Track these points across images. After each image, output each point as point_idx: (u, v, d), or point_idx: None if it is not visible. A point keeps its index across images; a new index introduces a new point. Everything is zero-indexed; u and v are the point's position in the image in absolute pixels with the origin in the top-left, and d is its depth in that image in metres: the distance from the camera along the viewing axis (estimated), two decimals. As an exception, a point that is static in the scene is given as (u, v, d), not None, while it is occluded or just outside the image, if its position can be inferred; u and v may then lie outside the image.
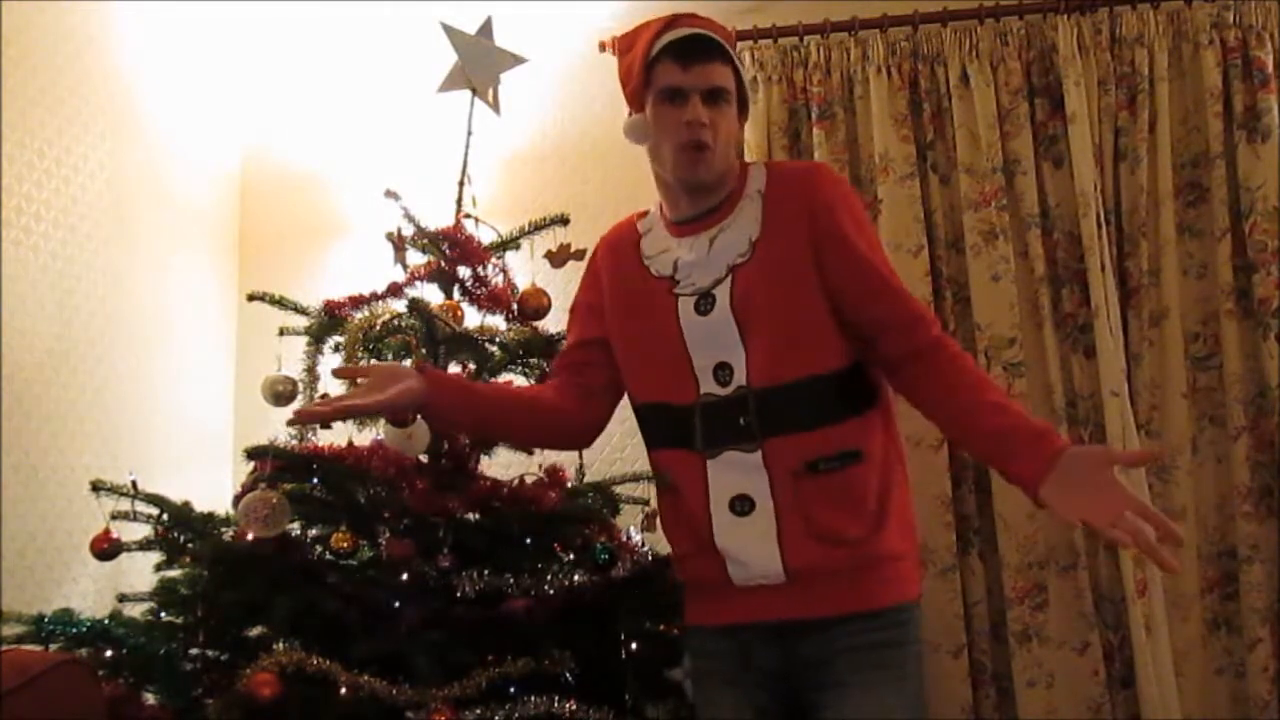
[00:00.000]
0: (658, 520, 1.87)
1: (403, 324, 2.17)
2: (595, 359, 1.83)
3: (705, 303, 1.68)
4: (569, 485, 2.26)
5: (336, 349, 2.15)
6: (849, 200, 1.73)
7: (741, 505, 1.64)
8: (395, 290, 2.20)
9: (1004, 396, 1.64)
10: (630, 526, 2.27)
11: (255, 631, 1.98)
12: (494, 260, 2.32)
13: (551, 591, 1.96)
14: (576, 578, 2.00)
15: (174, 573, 2.12)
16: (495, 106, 2.59)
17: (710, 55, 1.68)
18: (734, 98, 1.71)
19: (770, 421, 1.63)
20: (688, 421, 1.69)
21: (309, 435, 2.09)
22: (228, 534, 2.07)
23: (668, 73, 1.68)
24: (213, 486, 2.73)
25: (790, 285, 1.66)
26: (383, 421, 2.03)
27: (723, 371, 1.67)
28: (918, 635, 1.67)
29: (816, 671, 1.63)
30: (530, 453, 2.43)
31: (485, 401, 1.81)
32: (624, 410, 2.75)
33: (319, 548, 2.08)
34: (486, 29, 2.56)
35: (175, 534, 2.09)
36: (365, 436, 2.21)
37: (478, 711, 1.83)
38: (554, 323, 2.36)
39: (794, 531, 1.61)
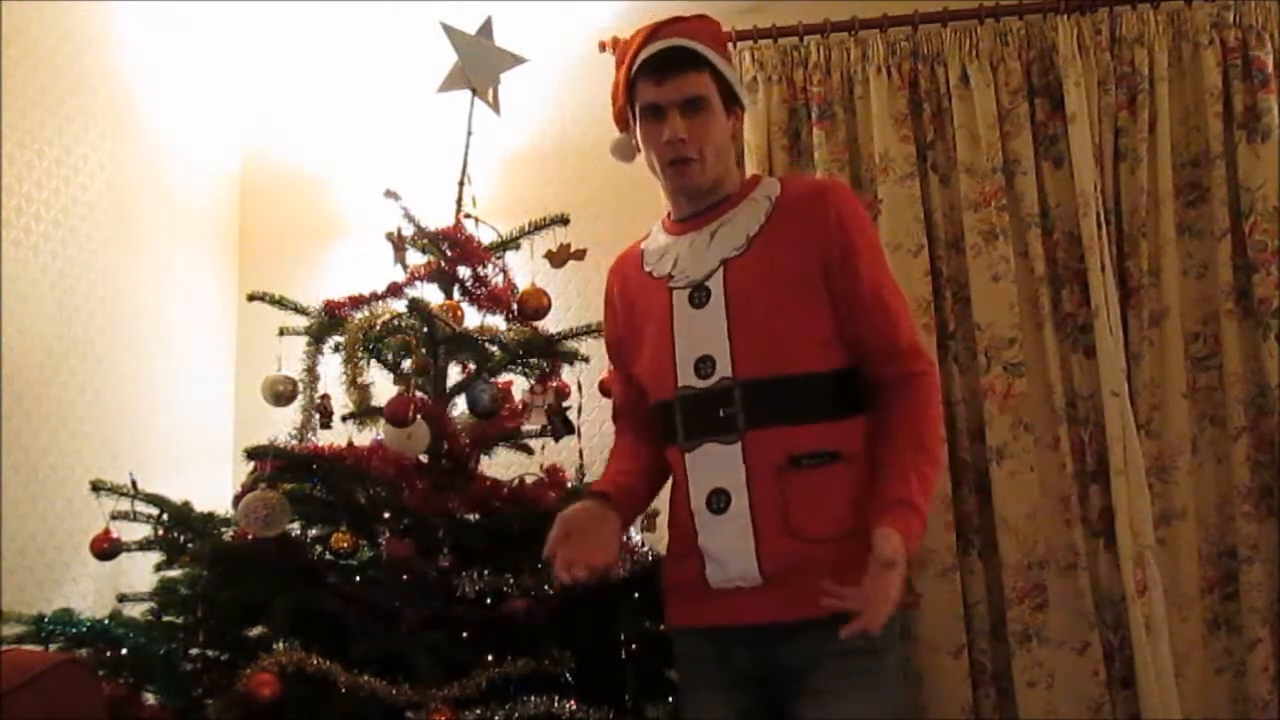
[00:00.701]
0: (658, 520, 1.87)
1: (403, 324, 2.17)
2: (641, 394, 1.83)
3: (700, 295, 1.70)
4: (569, 485, 2.26)
5: (336, 349, 2.15)
6: (864, 224, 1.74)
7: (718, 501, 1.64)
8: (395, 290, 2.20)
9: (918, 454, 1.65)
10: (630, 526, 2.26)
11: (255, 631, 1.99)
12: (494, 260, 2.32)
13: (551, 591, 1.96)
14: (576, 577, 1.99)
15: (174, 573, 2.12)
16: (495, 106, 2.59)
17: (684, 66, 1.69)
18: (716, 102, 1.72)
19: (755, 413, 1.63)
20: (673, 417, 1.71)
21: (309, 435, 2.09)
22: (228, 534, 2.07)
23: (645, 90, 1.71)
24: (213, 486, 2.73)
25: (788, 285, 1.66)
26: (382, 421, 2.04)
27: (704, 364, 1.67)
28: (896, 641, 1.69)
29: (795, 678, 1.62)
30: (530, 452, 2.43)
31: (641, 495, 1.85)
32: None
33: (319, 548, 2.08)
34: (486, 29, 2.56)
35: (175, 534, 2.10)
36: (365, 437, 2.22)
37: (478, 711, 1.83)
38: (554, 323, 2.36)
39: (770, 529, 1.61)
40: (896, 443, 1.65)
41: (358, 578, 2.00)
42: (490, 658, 1.90)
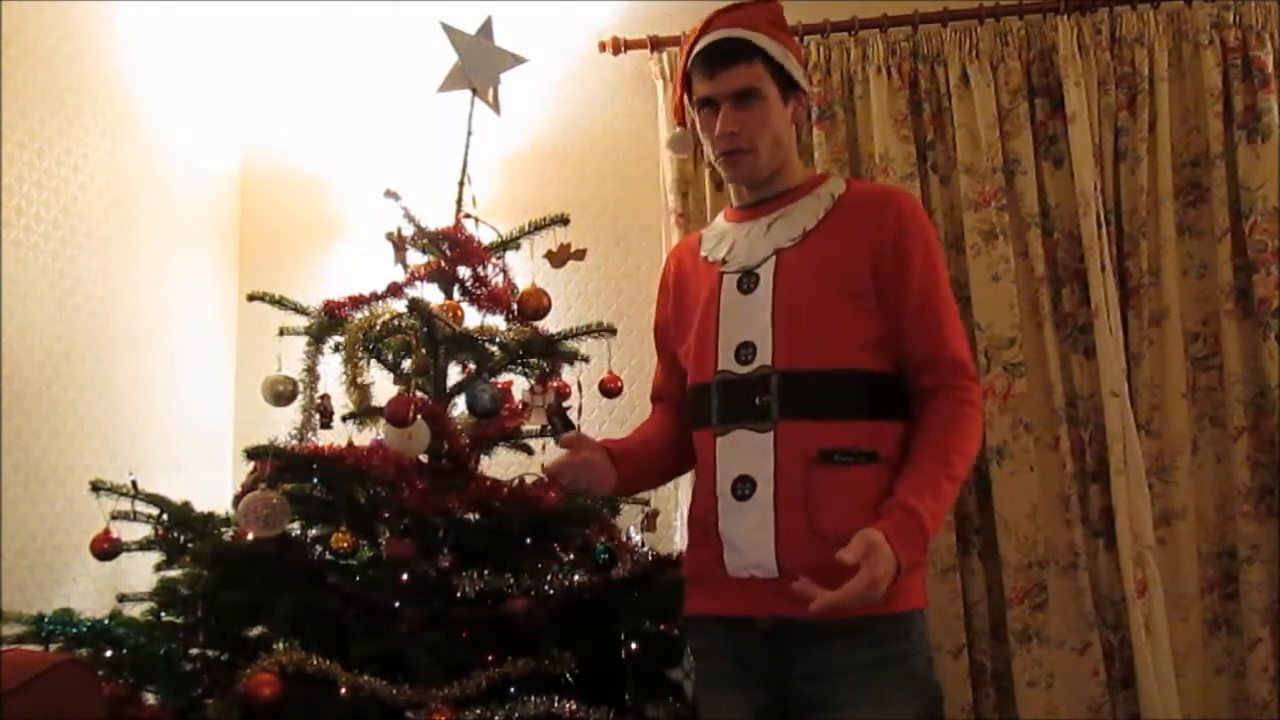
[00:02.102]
0: (658, 520, 1.86)
1: (403, 324, 2.17)
2: (682, 379, 1.84)
3: (748, 281, 1.71)
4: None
5: (336, 349, 2.15)
6: (925, 234, 1.72)
7: (742, 488, 1.63)
8: (395, 290, 2.19)
9: (937, 465, 1.62)
10: (630, 526, 2.27)
11: (255, 631, 1.98)
12: (494, 260, 2.32)
13: (551, 591, 1.96)
14: (576, 578, 1.99)
15: (174, 573, 2.12)
16: (495, 106, 2.59)
17: (735, 58, 1.69)
18: (770, 91, 1.71)
19: (790, 403, 1.63)
20: (709, 400, 1.71)
21: (309, 435, 2.09)
22: (228, 534, 2.07)
23: (699, 84, 1.73)
24: (213, 486, 2.73)
25: (837, 281, 1.66)
26: (382, 421, 2.04)
27: (745, 350, 1.68)
28: (922, 646, 1.65)
29: (811, 689, 1.60)
30: (530, 452, 2.43)
31: (646, 463, 1.84)
32: (622, 411, 2.78)
33: (319, 548, 2.08)
34: (486, 29, 2.56)
35: (175, 534, 2.09)
36: (365, 437, 2.22)
37: (478, 711, 1.83)
38: (554, 323, 2.36)
39: (791, 522, 1.60)
40: (919, 451, 1.63)
41: (358, 578, 2.00)
42: (490, 658, 1.90)
